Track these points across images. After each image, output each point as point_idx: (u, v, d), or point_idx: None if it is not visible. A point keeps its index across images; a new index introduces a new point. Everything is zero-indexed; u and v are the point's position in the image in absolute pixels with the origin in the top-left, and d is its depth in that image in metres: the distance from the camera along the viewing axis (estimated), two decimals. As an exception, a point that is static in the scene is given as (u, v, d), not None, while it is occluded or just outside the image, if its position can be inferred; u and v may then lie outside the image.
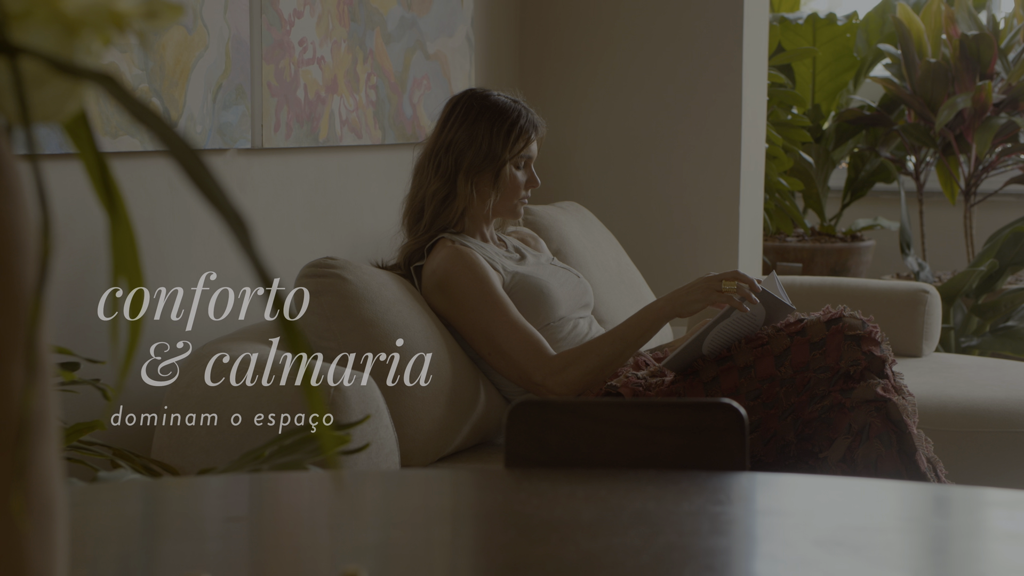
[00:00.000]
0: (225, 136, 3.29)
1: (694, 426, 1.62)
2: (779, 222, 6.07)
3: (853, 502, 1.45)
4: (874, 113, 6.19)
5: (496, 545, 1.29)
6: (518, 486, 1.50)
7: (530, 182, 3.32)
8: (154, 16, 0.91)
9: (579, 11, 4.79)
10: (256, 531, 1.37)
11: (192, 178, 0.82)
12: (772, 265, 6.08)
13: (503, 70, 4.74)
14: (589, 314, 3.43)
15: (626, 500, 1.41)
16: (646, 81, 4.73)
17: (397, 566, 1.18)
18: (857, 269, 6.18)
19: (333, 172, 3.78)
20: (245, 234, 0.79)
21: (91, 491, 1.48)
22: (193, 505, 1.42)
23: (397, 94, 4.01)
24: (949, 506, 1.46)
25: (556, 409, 1.63)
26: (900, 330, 4.29)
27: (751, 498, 1.43)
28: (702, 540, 1.27)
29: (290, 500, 1.49)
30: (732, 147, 4.65)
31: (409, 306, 3.08)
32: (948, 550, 1.29)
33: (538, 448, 1.62)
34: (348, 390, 2.58)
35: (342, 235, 3.82)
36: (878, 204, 6.86)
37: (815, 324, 3.05)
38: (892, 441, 2.97)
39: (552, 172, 4.82)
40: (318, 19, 3.63)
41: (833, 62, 6.26)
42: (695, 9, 4.65)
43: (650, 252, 4.69)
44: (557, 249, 3.94)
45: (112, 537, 1.32)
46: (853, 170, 6.45)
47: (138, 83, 3.01)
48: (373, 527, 1.33)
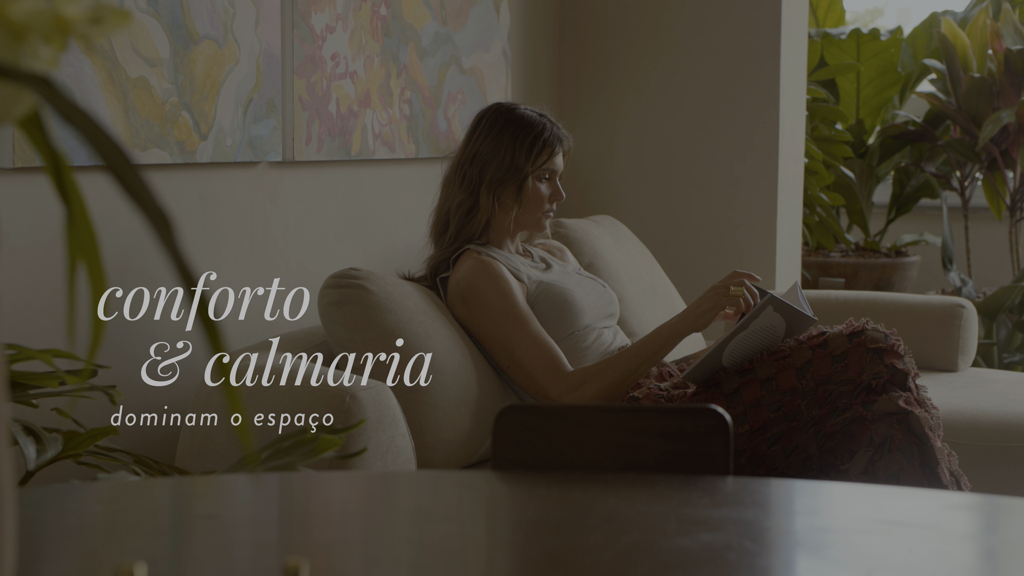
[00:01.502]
0: (256, 149, 3.34)
1: (679, 431, 1.64)
2: (820, 237, 6.06)
3: (828, 504, 1.46)
4: (919, 128, 6.18)
5: (462, 543, 1.32)
6: (495, 488, 1.52)
7: (554, 195, 3.34)
8: (99, 22, 0.94)
9: (617, 27, 4.81)
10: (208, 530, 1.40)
11: (118, 176, 0.85)
12: (814, 280, 6.07)
13: (541, 85, 4.77)
14: (615, 324, 3.44)
15: (599, 501, 1.43)
16: (683, 96, 4.75)
17: (350, 562, 1.20)
18: (901, 285, 6.16)
19: (366, 185, 3.82)
20: (168, 230, 0.82)
21: (63, 492, 1.52)
22: (155, 504, 1.46)
23: (431, 108, 4.04)
24: (919, 509, 1.47)
25: (543, 413, 1.65)
26: (935, 345, 4.28)
27: (724, 501, 1.45)
28: (666, 540, 1.28)
29: (253, 499, 1.52)
30: (769, 161, 4.65)
31: (432, 317, 3.11)
32: (915, 551, 1.30)
33: (525, 452, 1.64)
34: (363, 397, 2.61)
35: (375, 248, 3.86)
36: (924, 220, 6.83)
37: (837, 337, 3.05)
38: (914, 454, 2.96)
39: (589, 186, 4.84)
40: (351, 34, 3.67)
41: (877, 77, 6.25)
42: (733, 25, 4.67)
43: (686, 266, 4.70)
44: (589, 262, 3.97)
45: (87, 533, 1.36)
46: (898, 185, 6.43)
47: (167, 97, 3.06)
48: (339, 525, 1.36)
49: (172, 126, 3.09)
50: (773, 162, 4.65)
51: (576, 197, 4.86)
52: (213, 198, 3.26)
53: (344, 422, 2.55)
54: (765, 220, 4.67)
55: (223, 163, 3.27)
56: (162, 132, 3.06)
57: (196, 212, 3.21)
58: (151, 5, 3.01)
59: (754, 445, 3.04)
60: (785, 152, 4.70)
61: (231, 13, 3.24)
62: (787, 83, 4.69)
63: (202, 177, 3.23)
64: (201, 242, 3.23)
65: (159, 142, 3.05)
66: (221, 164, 3.27)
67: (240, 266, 3.35)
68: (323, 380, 2.67)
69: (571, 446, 1.64)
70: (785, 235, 4.75)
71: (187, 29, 3.12)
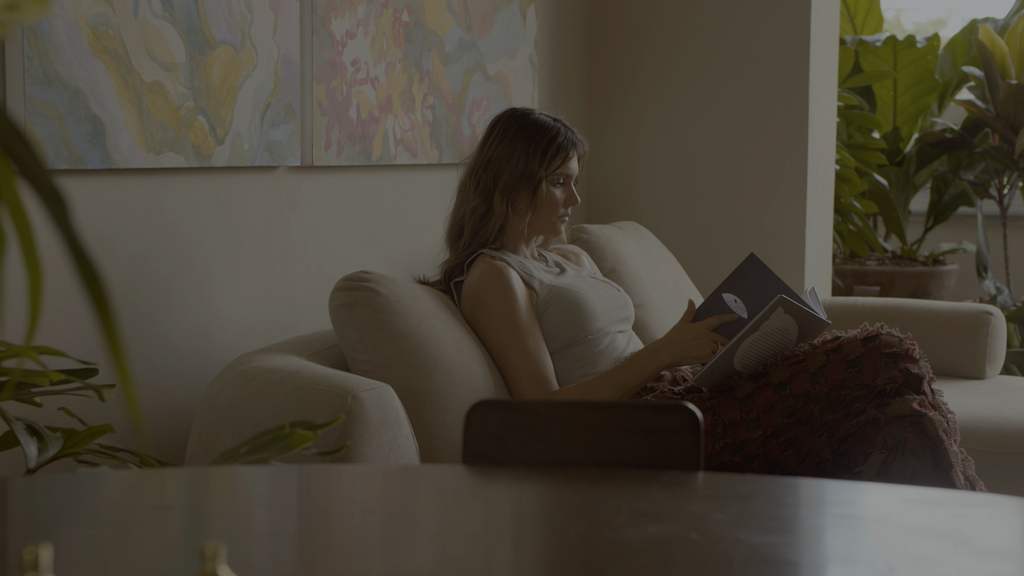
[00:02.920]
0: (274, 154, 3.36)
1: (650, 427, 1.64)
2: (854, 245, 6.02)
3: (790, 498, 1.46)
4: (956, 136, 6.14)
5: (406, 535, 1.32)
6: (457, 481, 1.53)
7: (569, 200, 3.35)
8: (15, 8, 0.95)
9: (645, 34, 4.81)
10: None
11: (12, 155, 0.86)
12: (848, 288, 6.04)
13: (570, 91, 4.78)
14: (629, 328, 3.44)
15: (556, 494, 1.44)
16: (711, 102, 4.74)
17: (292, 551, 1.21)
18: (939, 293, 6.12)
19: (388, 190, 3.84)
20: (63, 210, 0.83)
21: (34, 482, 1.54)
22: (126, 495, 1.48)
23: (455, 114, 4.06)
24: (866, 501, 1.47)
25: (514, 409, 1.66)
26: (963, 352, 4.25)
27: (682, 495, 1.45)
28: (613, 531, 1.29)
29: (221, 490, 1.54)
30: (798, 168, 4.64)
31: (443, 320, 3.13)
32: (859, 542, 1.30)
33: (496, 447, 1.65)
34: (364, 397, 2.62)
35: (398, 253, 3.87)
36: (963, 228, 6.78)
37: (851, 342, 3.04)
38: (928, 457, 2.95)
39: (617, 192, 4.85)
40: (371, 40, 3.69)
41: (914, 84, 6.21)
42: (762, 31, 4.66)
43: (713, 273, 4.69)
44: (612, 268, 3.97)
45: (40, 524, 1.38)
46: (936, 194, 6.39)
47: (183, 101, 3.09)
48: (291, 515, 1.37)
49: (188, 130, 3.11)
50: (802, 168, 4.64)
51: (603, 203, 4.87)
52: (230, 201, 3.28)
53: (347, 423, 2.56)
54: (794, 226, 4.66)
55: (240, 167, 3.30)
56: (177, 136, 3.09)
57: (213, 215, 3.24)
58: (166, 10, 3.04)
59: (767, 450, 3.04)
60: (815, 158, 4.69)
61: (249, 19, 3.27)
62: (817, 89, 4.67)
63: (219, 181, 3.25)
64: (218, 244, 3.25)
65: (174, 146, 3.08)
66: (238, 168, 3.30)
67: (258, 269, 3.37)
68: (326, 381, 2.68)
69: (541, 442, 1.64)
70: (815, 242, 4.73)
71: (203, 34, 3.14)
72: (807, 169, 4.64)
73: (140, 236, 3.05)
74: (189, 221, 3.18)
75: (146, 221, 3.07)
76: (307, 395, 2.64)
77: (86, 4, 2.86)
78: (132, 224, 3.03)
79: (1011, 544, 1.33)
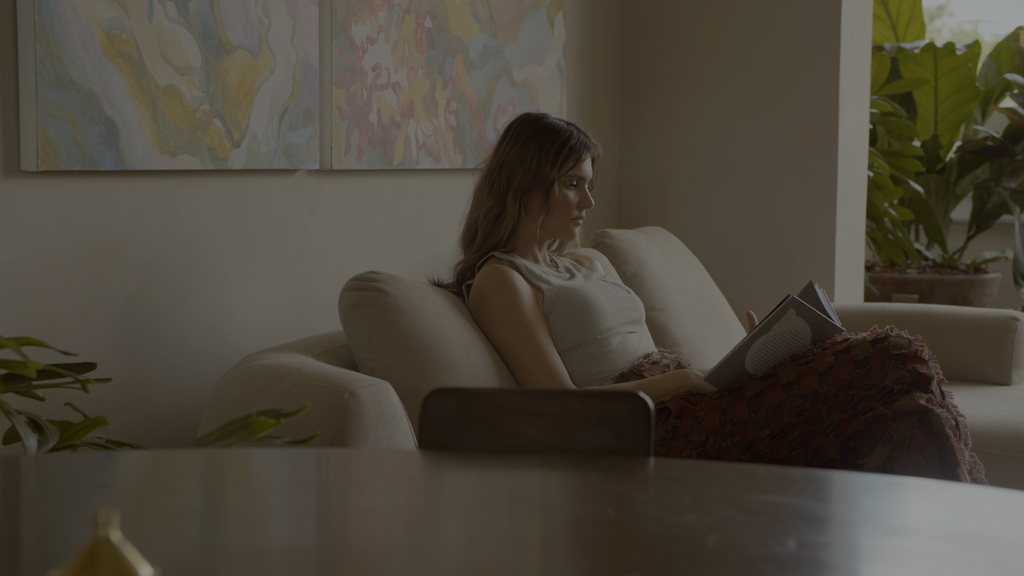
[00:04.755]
0: (291, 157, 3.41)
1: (602, 416, 1.66)
2: (890, 252, 6.00)
3: (718, 482, 1.48)
4: (997, 144, 6.10)
5: (338, 513, 1.35)
6: (404, 466, 1.56)
7: (582, 203, 3.38)
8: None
9: (676, 41, 4.83)
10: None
11: None
12: (886, 296, 6.01)
13: (600, 98, 4.80)
14: (640, 330, 3.46)
15: (499, 478, 1.46)
16: (743, 109, 4.75)
17: (242, 529, 1.25)
18: (980, 301, 6.08)
19: (411, 194, 3.88)
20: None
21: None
22: (70, 478, 1.52)
23: (479, 120, 4.09)
24: (831, 491, 1.48)
25: (469, 397, 1.69)
26: (989, 358, 4.23)
27: (616, 479, 1.47)
28: (537, 512, 1.31)
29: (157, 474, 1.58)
30: (828, 174, 4.64)
31: (452, 320, 3.16)
32: (770, 535, 1.32)
33: (451, 434, 1.68)
34: (362, 394, 2.66)
35: (421, 256, 3.91)
36: (1007, 236, 6.74)
37: (860, 343, 3.05)
38: (933, 454, 2.95)
39: (647, 199, 4.86)
40: (393, 46, 3.73)
41: (955, 92, 6.19)
42: (792, 38, 4.66)
43: (742, 279, 4.70)
44: (634, 272, 3.99)
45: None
46: (978, 202, 6.35)
47: (198, 104, 3.15)
48: (247, 494, 1.41)
49: (203, 133, 3.17)
50: (832, 175, 4.64)
51: (634, 209, 4.89)
52: (247, 204, 3.33)
53: (343, 419, 2.60)
54: (824, 233, 4.66)
55: (258, 170, 3.35)
56: (192, 139, 3.14)
57: (230, 217, 3.29)
58: (182, 15, 3.10)
59: (775, 449, 3.05)
60: (845, 165, 4.68)
61: (266, 24, 3.32)
62: (847, 96, 4.67)
63: (236, 184, 3.30)
64: (235, 246, 3.30)
65: (189, 148, 3.13)
66: (256, 171, 3.35)
67: (276, 271, 3.42)
68: (325, 377, 2.72)
69: (495, 429, 1.67)
70: (845, 249, 4.73)
71: (219, 39, 3.20)
72: (837, 175, 4.64)
73: (156, 237, 3.11)
74: (205, 222, 3.23)
75: (161, 222, 3.12)
76: (306, 391, 2.69)
77: (99, 8, 2.92)
78: (147, 225, 3.09)
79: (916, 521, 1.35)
